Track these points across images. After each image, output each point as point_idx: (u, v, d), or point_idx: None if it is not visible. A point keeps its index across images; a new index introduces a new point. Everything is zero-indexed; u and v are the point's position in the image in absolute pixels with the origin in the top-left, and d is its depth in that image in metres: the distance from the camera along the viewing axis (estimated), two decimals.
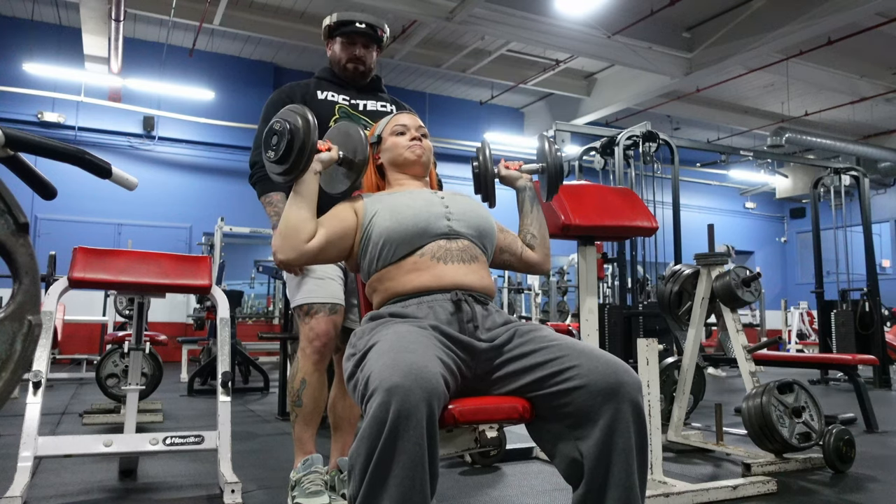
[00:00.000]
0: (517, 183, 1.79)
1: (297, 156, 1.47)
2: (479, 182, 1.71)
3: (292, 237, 1.49)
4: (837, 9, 7.25)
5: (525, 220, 1.78)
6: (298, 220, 1.49)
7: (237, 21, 8.45)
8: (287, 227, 1.49)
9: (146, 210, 9.37)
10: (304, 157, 1.47)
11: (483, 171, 1.70)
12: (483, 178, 1.70)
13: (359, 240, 1.55)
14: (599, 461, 1.21)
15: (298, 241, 1.49)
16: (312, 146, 1.48)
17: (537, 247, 1.75)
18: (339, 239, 1.54)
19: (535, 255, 1.75)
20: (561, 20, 8.00)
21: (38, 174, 0.99)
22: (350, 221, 1.56)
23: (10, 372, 0.77)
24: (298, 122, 1.46)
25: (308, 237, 1.50)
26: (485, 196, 1.73)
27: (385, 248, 1.49)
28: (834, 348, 6.09)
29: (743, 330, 2.93)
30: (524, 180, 1.79)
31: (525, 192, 1.79)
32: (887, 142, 12.69)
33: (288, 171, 1.49)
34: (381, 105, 2.27)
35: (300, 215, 1.50)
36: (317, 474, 1.96)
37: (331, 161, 1.58)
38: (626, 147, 5.29)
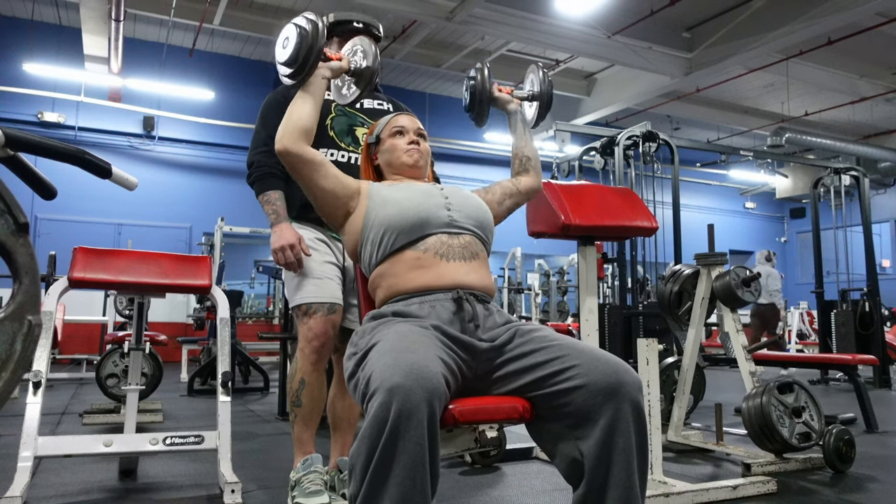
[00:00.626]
0: (509, 106, 1.88)
1: (304, 59, 1.56)
2: (473, 100, 1.80)
3: (292, 129, 1.56)
4: (837, 9, 7.25)
5: (519, 143, 1.87)
6: (302, 113, 1.58)
7: (237, 21, 8.45)
8: (290, 119, 1.58)
9: (146, 210, 9.37)
10: (310, 60, 1.57)
11: (480, 88, 1.79)
12: (478, 96, 1.79)
13: (360, 222, 1.56)
14: (600, 461, 1.21)
15: (296, 132, 1.56)
16: (319, 50, 1.57)
17: (532, 169, 1.85)
18: (336, 185, 1.58)
19: (532, 179, 1.84)
20: (561, 20, 8.00)
21: (38, 174, 0.99)
22: (352, 187, 1.61)
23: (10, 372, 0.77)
24: (308, 27, 1.55)
25: (307, 131, 1.57)
26: (476, 115, 1.83)
27: (385, 236, 1.50)
28: (834, 348, 6.09)
29: (743, 330, 2.93)
30: (515, 104, 1.89)
31: (516, 115, 1.88)
32: (887, 142, 12.69)
33: (295, 74, 1.59)
34: (378, 103, 2.26)
35: (304, 109, 1.59)
36: (317, 474, 1.96)
37: (340, 70, 1.68)
38: (626, 147, 5.29)
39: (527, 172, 1.83)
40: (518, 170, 1.85)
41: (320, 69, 1.63)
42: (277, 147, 1.56)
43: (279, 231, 2.02)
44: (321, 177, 1.57)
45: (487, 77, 1.80)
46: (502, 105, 1.88)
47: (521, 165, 1.84)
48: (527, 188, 1.82)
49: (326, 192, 1.58)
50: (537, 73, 1.89)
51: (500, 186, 1.80)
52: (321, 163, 1.58)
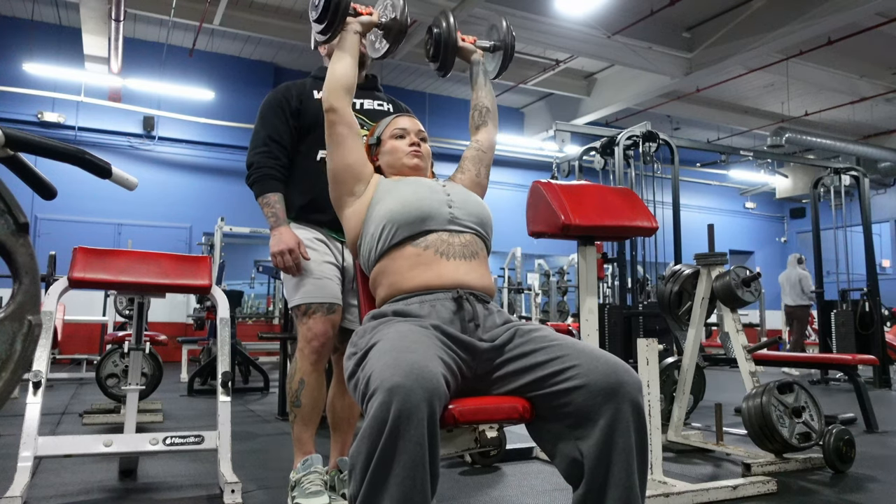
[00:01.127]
0: (472, 56, 1.92)
1: (332, 13, 1.65)
2: (438, 48, 1.84)
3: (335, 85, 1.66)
4: (837, 9, 7.25)
5: (480, 93, 1.90)
6: (341, 69, 1.67)
7: (237, 21, 8.45)
8: (332, 77, 1.67)
9: (146, 210, 9.37)
10: (338, 15, 1.66)
11: (445, 37, 1.83)
12: (444, 44, 1.83)
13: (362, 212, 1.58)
14: (599, 461, 1.21)
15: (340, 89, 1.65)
16: (346, 5, 1.66)
17: (490, 120, 1.89)
18: (359, 157, 1.65)
19: (491, 131, 1.89)
20: (561, 20, 8.00)
21: (38, 174, 0.99)
22: (367, 171, 1.66)
23: (10, 372, 0.77)
24: None
25: (348, 85, 1.67)
26: (442, 62, 1.86)
27: (386, 229, 1.51)
28: (834, 348, 6.09)
29: (743, 330, 2.93)
30: (478, 54, 1.92)
31: (479, 65, 1.92)
32: (887, 142, 12.69)
33: (326, 29, 1.68)
34: (378, 104, 2.26)
35: (342, 65, 1.68)
36: (316, 474, 1.96)
37: (371, 24, 1.76)
38: (626, 147, 5.29)
39: (485, 125, 1.88)
40: (478, 122, 1.89)
41: (350, 24, 1.72)
42: (325, 105, 1.65)
43: (278, 234, 2.02)
44: (351, 145, 1.64)
45: (453, 25, 1.83)
46: (466, 55, 1.91)
47: (481, 117, 1.88)
48: (489, 143, 1.87)
49: (346, 163, 1.63)
50: (500, 24, 1.94)
51: (469, 160, 1.84)
52: (357, 134, 1.66)
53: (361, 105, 2.21)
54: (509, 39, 1.91)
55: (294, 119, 2.14)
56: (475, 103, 1.90)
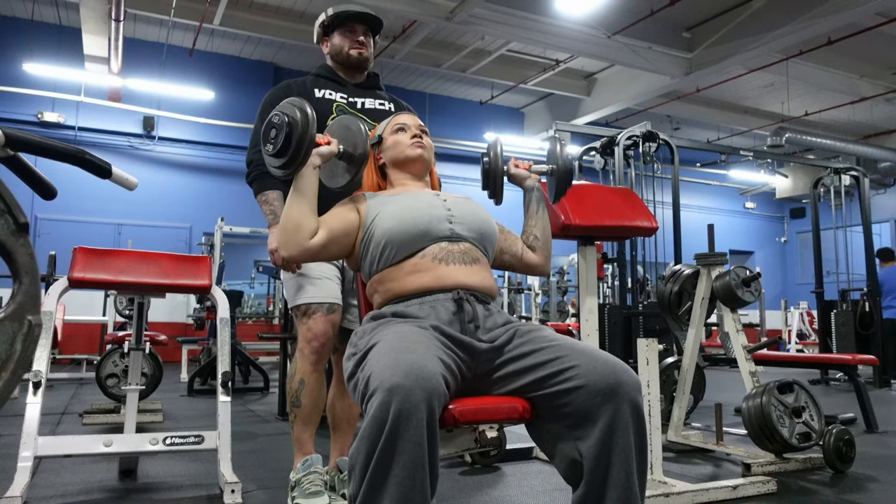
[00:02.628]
0: (525, 183, 1.77)
1: (295, 149, 1.46)
2: (487, 178, 1.70)
3: (293, 234, 1.48)
4: (837, 9, 7.25)
5: (529, 222, 1.76)
6: (300, 216, 1.49)
7: (237, 21, 8.45)
8: (288, 224, 1.49)
9: (146, 210, 9.37)
10: (302, 151, 1.47)
11: (493, 167, 1.69)
12: (492, 174, 1.69)
13: (360, 239, 1.55)
14: (599, 461, 1.21)
15: (300, 237, 1.48)
16: (311, 139, 1.47)
17: (539, 249, 1.74)
18: (342, 236, 1.54)
19: (537, 258, 1.74)
20: (561, 20, 8.00)
21: (38, 174, 0.99)
22: (352, 220, 1.56)
23: (10, 372, 0.77)
24: (297, 115, 1.46)
25: (310, 234, 1.49)
26: (492, 193, 1.72)
27: (386, 249, 1.49)
28: (834, 348, 6.09)
29: (743, 330, 2.93)
30: (532, 180, 1.77)
31: (532, 192, 1.77)
32: (887, 142, 12.68)
33: (286, 165, 1.49)
34: (380, 103, 2.25)
35: (301, 211, 1.49)
36: (316, 475, 1.96)
37: (330, 155, 1.58)
38: (626, 147, 5.29)
39: (534, 251, 1.74)
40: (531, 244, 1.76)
41: (311, 158, 1.52)
42: (279, 257, 1.54)
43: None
44: (335, 245, 1.54)
45: (500, 154, 1.70)
46: (518, 182, 1.77)
47: (528, 243, 1.75)
48: (528, 264, 1.73)
49: (340, 253, 1.57)
50: (555, 146, 1.76)
51: (512, 238, 1.73)
52: (328, 236, 1.51)
53: (363, 104, 2.21)
54: (564, 163, 1.72)
55: None
56: (526, 228, 1.77)
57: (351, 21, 2.21)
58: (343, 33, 2.21)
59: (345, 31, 2.21)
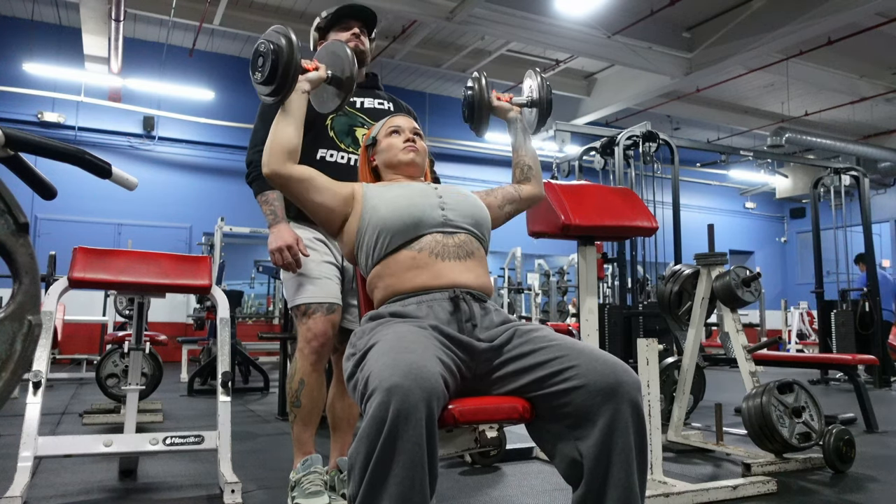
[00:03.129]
0: (508, 115, 1.85)
1: (282, 76, 1.51)
2: (472, 109, 1.77)
3: (277, 151, 1.54)
4: (837, 9, 7.25)
5: (519, 152, 1.84)
6: (284, 135, 1.56)
7: (237, 21, 8.45)
8: (273, 142, 1.55)
9: (146, 210, 9.37)
10: (288, 77, 1.52)
11: (477, 98, 1.76)
12: (477, 106, 1.76)
13: (354, 230, 1.56)
14: (599, 461, 1.20)
15: (281, 154, 1.54)
16: (297, 65, 1.52)
17: (533, 178, 1.82)
18: (324, 190, 1.57)
19: (533, 188, 1.82)
20: (561, 20, 8.00)
21: (38, 174, 0.99)
22: (344, 191, 1.59)
23: (10, 372, 0.77)
24: (282, 42, 1.50)
25: (292, 151, 1.56)
26: (476, 125, 1.80)
27: (380, 238, 1.50)
28: (834, 348, 6.09)
29: (743, 330, 2.93)
30: (515, 112, 1.85)
31: (516, 122, 1.85)
32: (887, 142, 12.69)
33: (275, 92, 1.54)
34: (379, 102, 2.25)
35: (286, 132, 1.56)
36: (316, 474, 1.96)
37: (319, 80, 1.64)
38: (626, 147, 5.29)
39: (528, 181, 1.81)
40: (519, 178, 1.83)
41: (299, 83, 1.58)
42: (264, 171, 1.56)
43: (277, 232, 2.02)
44: (314, 192, 1.57)
45: (485, 86, 1.77)
46: (502, 113, 1.85)
47: (523, 174, 1.81)
48: (528, 195, 1.80)
49: (320, 205, 1.58)
50: (535, 78, 1.86)
51: (503, 191, 1.78)
52: (311, 177, 1.57)
53: (362, 104, 2.21)
54: (544, 94, 1.83)
55: None
56: (516, 161, 1.84)
57: (345, 18, 2.21)
58: (338, 31, 2.22)
59: (339, 28, 2.22)
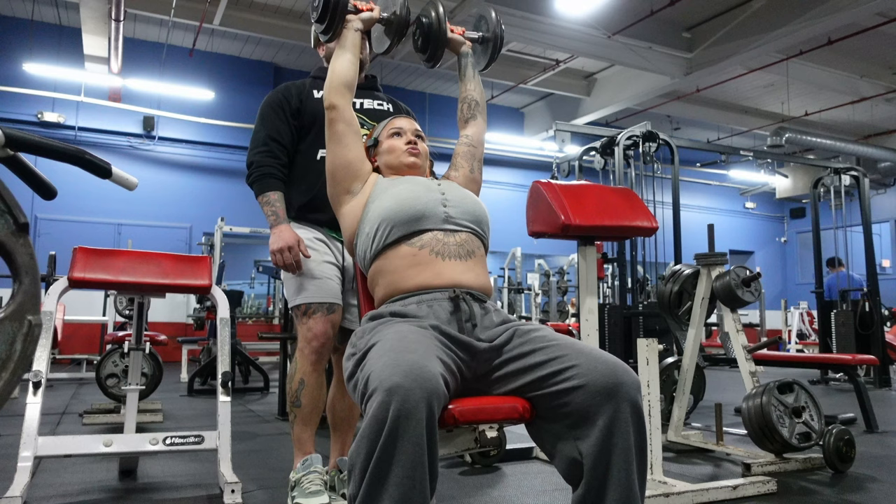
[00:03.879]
0: (461, 48, 1.90)
1: (331, 12, 1.66)
2: (427, 39, 1.81)
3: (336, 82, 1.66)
4: (837, 9, 7.25)
5: (468, 86, 1.89)
6: (341, 67, 1.68)
7: (237, 21, 8.45)
8: (332, 75, 1.68)
9: (146, 210, 9.37)
10: (337, 14, 1.67)
11: (434, 28, 1.80)
12: (434, 35, 1.80)
13: (358, 211, 1.59)
14: (599, 461, 1.20)
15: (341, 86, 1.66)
16: (343, 4, 1.67)
17: (479, 113, 1.87)
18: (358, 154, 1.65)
19: (480, 124, 1.88)
20: (561, 20, 8.00)
21: (38, 174, 0.99)
22: (365, 169, 1.67)
23: (10, 372, 0.77)
24: None
25: (348, 82, 1.68)
26: (431, 54, 1.83)
27: (381, 228, 1.51)
28: (834, 348, 6.08)
29: (743, 330, 2.93)
30: (467, 46, 1.90)
31: (467, 57, 1.90)
32: (887, 142, 12.68)
33: (326, 29, 1.70)
34: (378, 103, 2.26)
35: (342, 63, 1.69)
36: (316, 474, 1.96)
37: (371, 20, 1.76)
38: (626, 147, 5.29)
39: (474, 119, 1.86)
40: (466, 115, 1.87)
41: (352, 21, 1.72)
42: (326, 102, 1.65)
43: (278, 232, 2.02)
44: (350, 142, 1.64)
45: (443, 15, 1.81)
46: (454, 46, 1.89)
47: (470, 110, 1.86)
48: (478, 137, 1.85)
49: (345, 160, 1.64)
50: (490, 15, 1.91)
51: (461, 157, 1.82)
52: (356, 132, 1.67)
53: (361, 105, 2.21)
54: (499, 31, 1.89)
55: (294, 118, 2.14)
56: (463, 96, 1.88)
57: None
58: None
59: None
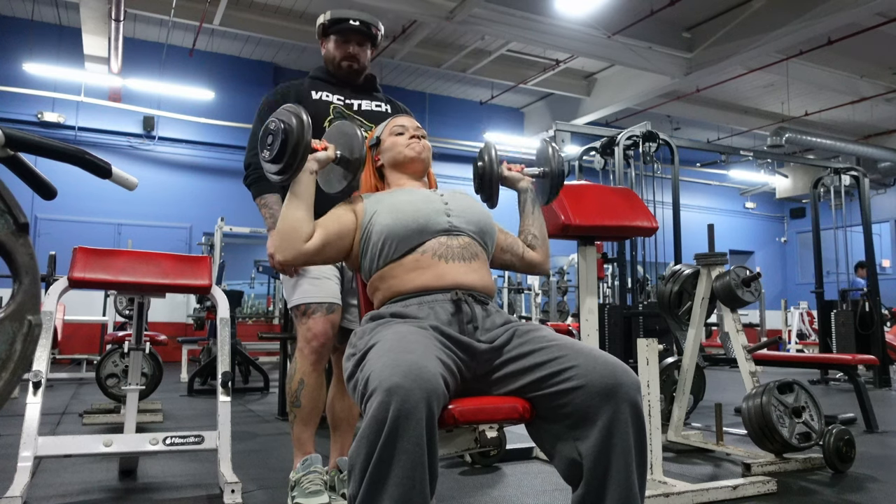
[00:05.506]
0: (519, 185, 1.79)
1: (290, 155, 1.46)
2: (482, 182, 1.73)
3: (290, 238, 1.49)
4: (837, 9, 7.25)
5: (526, 221, 1.79)
6: (296, 220, 1.50)
7: (237, 21, 8.45)
8: (284, 228, 1.50)
9: (146, 210, 9.37)
10: (297, 157, 1.47)
11: (488, 171, 1.72)
12: (487, 178, 1.72)
13: (358, 239, 1.56)
14: (598, 461, 1.21)
15: (297, 241, 1.49)
16: (306, 146, 1.47)
17: (538, 247, 1.77)
18: (338, 239, 1.54)
19: (537, 256, 1.76)
20: (561, 20, 8.00)
21: (38, 174, 0.99)
22: (349, 222, 1.56)
23: (10, 372, 0.77)
24: (293, 122, 1.46)
25: (306, 237, 1.50)
26: (487, 196, 1.75)
27: (385, 245, 1.50)
28: (834, 348, 6.08)
29: (743, 330, 2.93)
30: (526, 182, 1.79)
31: (527, 193, 1.79)
32: (887, 142, 12.68)
33: (283, 171, 1.49)
34: (376, 105, 2.26)
35: (297, 215, 1.50)
36: (316, 474, 1.96)
37: (327, 160, 1.57)
38: (626, 147, 5.29)
39: (533, 249, 1.76)
40: (530, 243, 1.78)
41: (308, 163, 1.52)
42: (276, 262, 1.53)
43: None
44: (336, 245, 1.55)
45: (495, 158, 1.73)
46: (512, 184, 1.79)
47: (529, 243, 1.77)
48: (530, 262, 1.76)
49: (336, 255, 1.57)
50: (547, 149, 1.80)
51: (512, 240, 1.75)
52: (322, 245, 1.52)
53: (359, 106, 2.21)
54: (556, 165, 1.77)
55: None
56: (522, 229, 1.79)
57: (345, 32, 2.21)
58: (337, 42, 2.22)
59: (339, 39, 2.22)
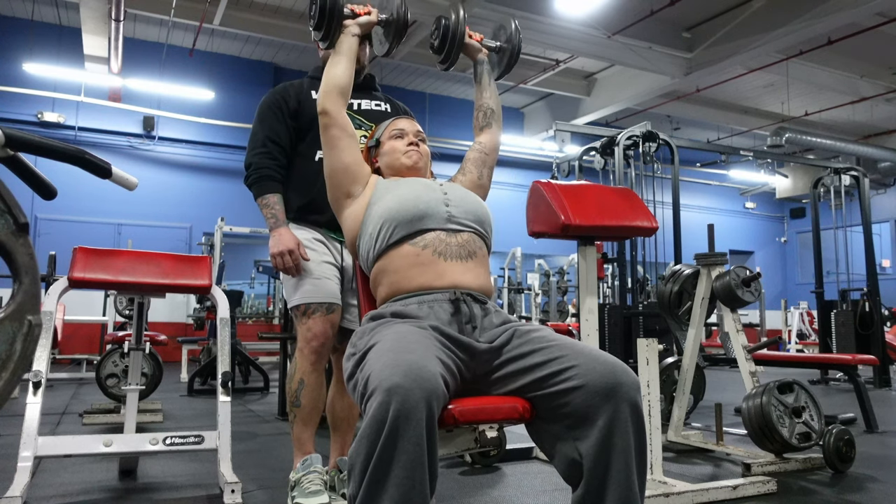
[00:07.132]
0: (477, 55, 1.89)
1: (327, 19, 1.64)
2: (445, 41, 1.80)
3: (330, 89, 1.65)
4: (837, 9, 7.25)
5: (484, 94, 1.89)
6: (335, 73, 1.66)
7: (237, 21, 8.45)
8: (326, 81, 1.66)
9: (146, 210, 9.37)
10: (333, 19, 1.65)
11: (454, 29, 1.79)
12: (451, 36, 1.79)
13: (360, 212, 1.59)
14: (598, 461, 1.20)
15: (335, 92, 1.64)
16: (339, 10, 1.65)
17: (494, 122, 1.87)
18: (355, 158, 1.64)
19: (495, 133, 1.87)
20: (561, 20, 8.00)
21: (38, 174, 0.99)
22: (364, 172, 1.65)
23: (10, 372, 0.77)
24: None
25: (343, 89, 1.66)
26: (447, 55, 1.82)
27: (383, 228, 1.51)
28: (834, 348, 6.08)
29: (743, 330, 2.93)
30: (483, 54, 1.89)
31: (483, 65, 1.89)
32: (887, 142, 12.68)
33: (324, 35, 1.68)
34: (376, 104, 2.25)
35: (336, 70, 1.67)
36: (316, 474, 1.96)
37: (370, 24, 1.74)
38: (626, 147, 5.29)
39: (489, 127, 1.86)
40: (482, 123, 1.87)
41: (349, 27, 1.70)
42: (319, 108, 1.64)
43: (278, 235, 2.02)
44: (345, 146, 1.63)
45: (463, 18, 1.80)
46: (471, 52, 1.88)
47: (486, 118, 1.87)
48: (492, 145, 1.85)
49: (342, 165, 1.63)
50: (509, 24, 1.90)
51: (471, 162, 1.82)
52: (351, 135, 1.65)
53: (359, 105, 2.21)
54: (516, 41, 1.87)
55: (292, 120, 2.14)
56: (479, 104, 1.88)
57: None
58: None
59: None
